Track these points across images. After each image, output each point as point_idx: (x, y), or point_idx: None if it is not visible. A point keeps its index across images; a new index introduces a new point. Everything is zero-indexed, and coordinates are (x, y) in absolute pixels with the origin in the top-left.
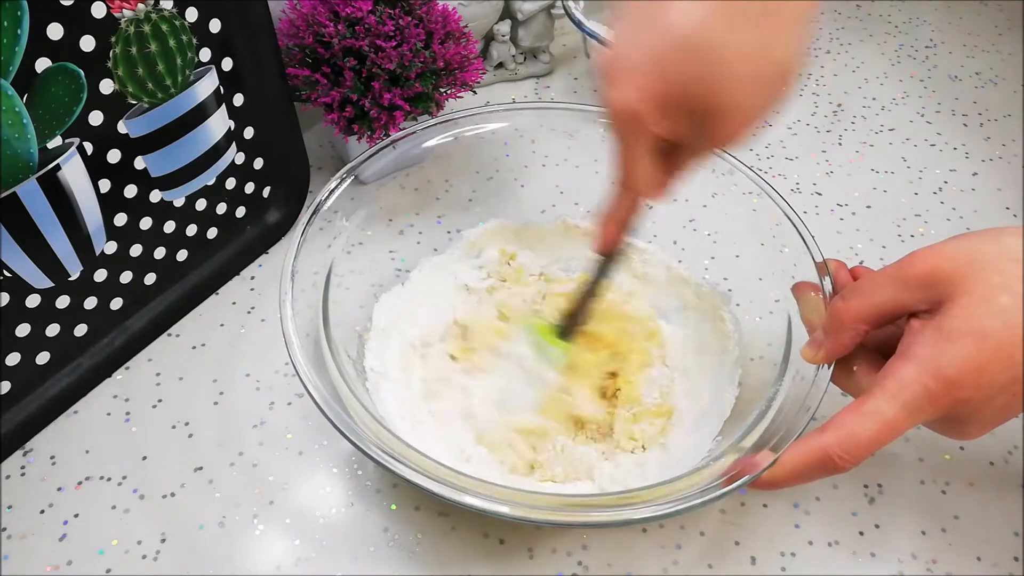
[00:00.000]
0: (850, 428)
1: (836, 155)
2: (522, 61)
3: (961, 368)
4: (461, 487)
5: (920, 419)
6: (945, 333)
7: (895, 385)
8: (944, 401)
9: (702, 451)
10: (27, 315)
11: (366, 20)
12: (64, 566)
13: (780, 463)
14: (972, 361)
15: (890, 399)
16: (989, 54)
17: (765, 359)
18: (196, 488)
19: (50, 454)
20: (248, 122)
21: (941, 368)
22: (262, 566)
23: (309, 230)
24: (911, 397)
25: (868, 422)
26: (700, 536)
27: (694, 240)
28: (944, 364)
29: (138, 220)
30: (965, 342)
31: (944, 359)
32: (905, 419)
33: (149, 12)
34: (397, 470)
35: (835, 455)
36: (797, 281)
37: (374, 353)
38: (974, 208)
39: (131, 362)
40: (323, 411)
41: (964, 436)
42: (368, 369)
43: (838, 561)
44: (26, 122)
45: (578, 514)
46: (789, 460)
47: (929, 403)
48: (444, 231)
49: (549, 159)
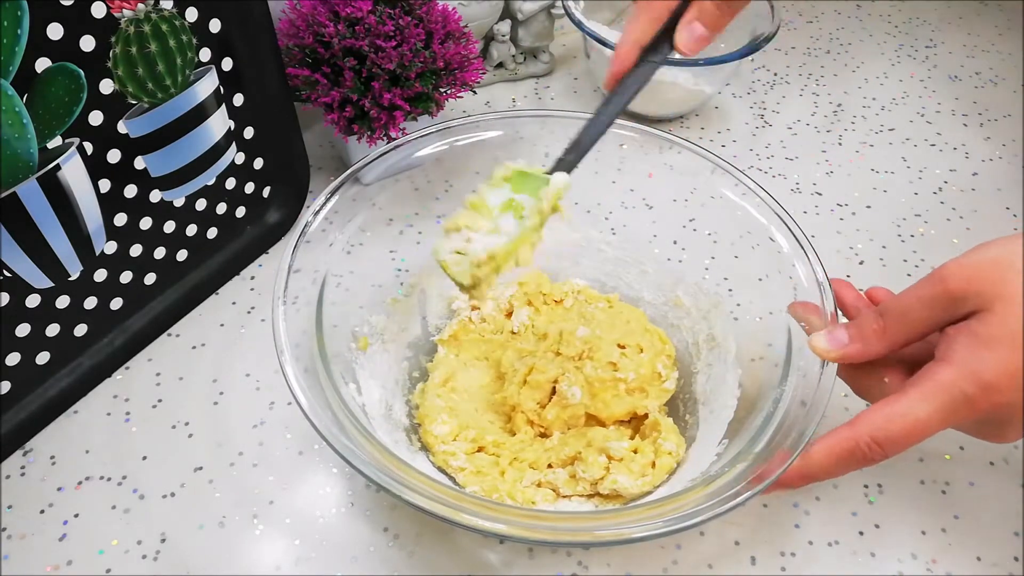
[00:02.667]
0: (882, 422)
1: (836, 155)
2: (522, 61)
3: (1000, 372)
4: (458, 506)
5: (954, 422)
6: (983, 339)
7: (932, 386)
8: (983, 405)
9: (709, 456)
10: (27, 315)
11: (366, 20)
12: (64, 566)
13: (809, 455)
14: (1010, 365)
15: (926, 399)
16: (989, 54)
17: (766, 360)
18: (196, 488)
19: (50, 454)
20: (248, 122)
21: (979, 373)
22: (262, 566)
23: (309, 230)
24: (948, 400)
25: (900, 419)
26: (700, 536)
27: (694, 240)
28: (983, 369)
29: (138, 220)
30: (1003, 347)
31: (982, 364)
32: (940, 420)
33: (149, 12)
34: (394, 489)
35: (866, 445)
36: (795, 302)
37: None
38: (974, 208)
39: (131, 362)
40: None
41: (1002, 439)
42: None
43: (838, 561)
44: (26, 122)
45: (602, 531)
46: (819, 452)
47: (966, 406)
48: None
49: (549, 159)
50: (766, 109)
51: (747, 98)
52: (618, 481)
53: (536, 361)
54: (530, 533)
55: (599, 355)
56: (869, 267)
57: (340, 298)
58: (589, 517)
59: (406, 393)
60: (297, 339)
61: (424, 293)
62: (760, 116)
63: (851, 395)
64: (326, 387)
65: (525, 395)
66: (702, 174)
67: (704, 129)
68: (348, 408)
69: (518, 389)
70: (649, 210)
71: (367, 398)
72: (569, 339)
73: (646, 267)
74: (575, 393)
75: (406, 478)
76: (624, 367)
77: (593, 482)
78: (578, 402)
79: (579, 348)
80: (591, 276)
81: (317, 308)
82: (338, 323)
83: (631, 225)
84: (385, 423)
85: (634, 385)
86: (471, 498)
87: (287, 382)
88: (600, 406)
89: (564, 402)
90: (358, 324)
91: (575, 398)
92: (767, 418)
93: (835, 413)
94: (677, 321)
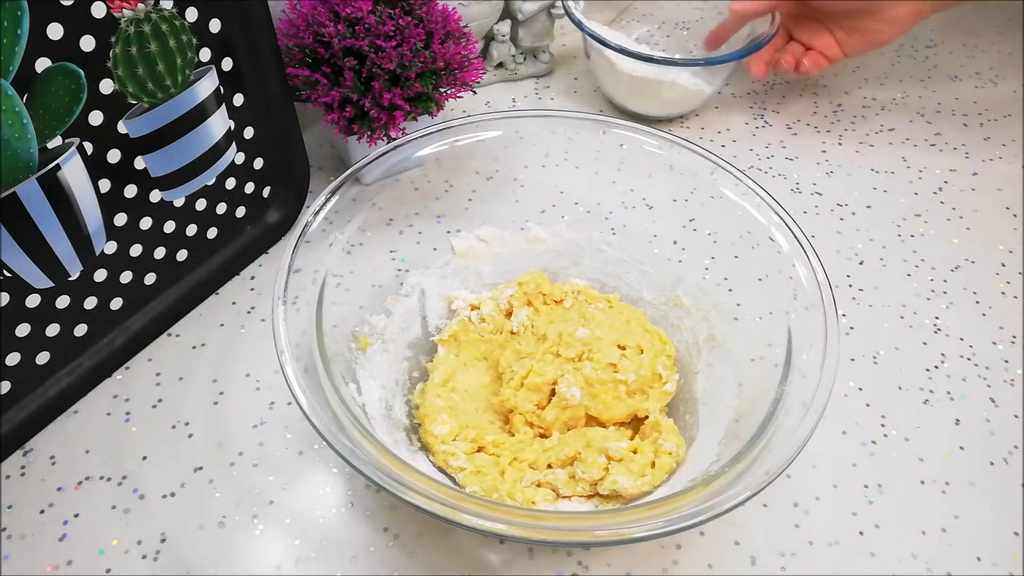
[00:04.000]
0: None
1: (836, 155)
2: (522, 61)
3: None
4: (458, 506)
5: None
6: None
7: None
8: None
9: (709, 456)
10: (27, 315)
11: (366, 20)
12: (64, 566)
13: None
14: None
15: None
16: (989, 54)
17: (766, 360)
18: (196, 488)
19: (50, 454)
20: (248, 122)
21: None
22: (262, 566)
23: (309, 230)
24: None
25: None
26: (700, 536)
27: (694, 240)
28: None
29: (138, 220)
30: None
31: None
32: None
33: (149, 12)
34: (394, 489)
35: None
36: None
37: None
38: (974, 208)
39: (131, 362)
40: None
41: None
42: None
43: (838, 561)
44: (26, 122)
45: (602, 531)
46: None
47: None
48: (444, 231)
49: (549, 159)
50: (766, 109)
51: (747, 98)
52: (618, 481)
53: (535, 363)
54: (530, 533)
55: (599, 356)
56: (869, 267)
57: (340, 298)
58: (589, 517)
59: (406, 393)
60: (297, 339)
61: (424, 293)
62: (760, 116)
63: (851, 395)
64: (326, 387)
65: (522, 397)
66: (702, 174)
67: (704, 129)
68: (348, 408)
69: (515, 392)
70: (649, 210)
71: (367, 398)
72: (569, 341)
73: (646, 267)
74: (575, 394)
75: (406, 478)
76: (624, 368)
77: (593, 482)
78: (578, 403)
79: (579, 350)
80: (591, 276)
81: (317, 308)
82: (338, 323)
83: (631, 225)
84: (385, 423)
85: (634, 387)
86: (471, 498)
87: (287, 382)
88: (600, 407)
89: (564, 403)
90: (358, 324)
91: (575, 399)
92: (767, 418)
93: (835, 413)
94: (677, 321)
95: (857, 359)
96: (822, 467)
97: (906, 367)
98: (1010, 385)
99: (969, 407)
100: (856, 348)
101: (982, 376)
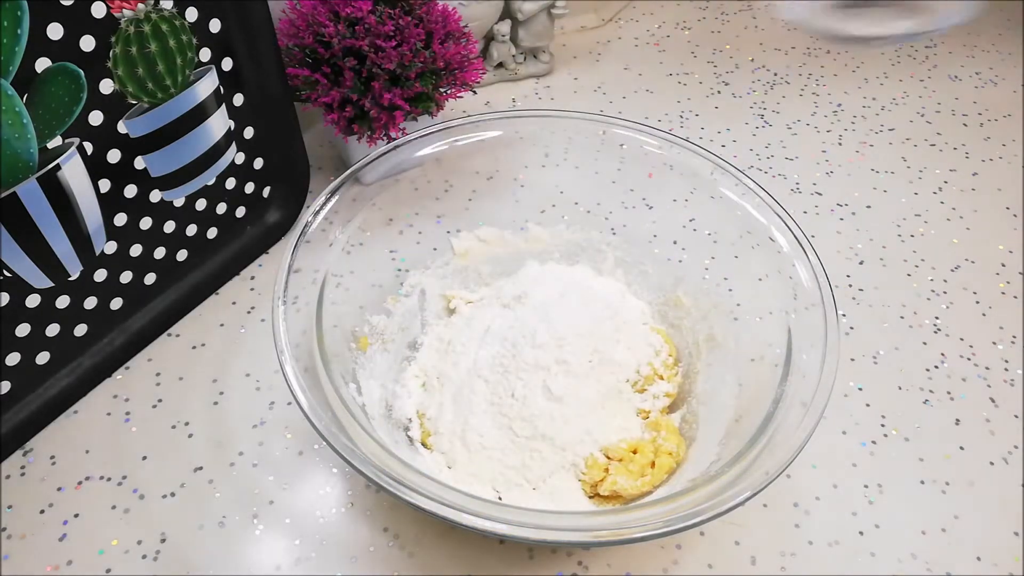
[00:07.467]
0: None
1: (836, 155)
2: (522, 61)
3: None
4: (459, 507)
5: None
6: None
7: None
8: None
9: (709, 456)
10: (27, 315)
11: (366, 20)
12: (64, 566)
13: None
14: None
15: None
16: (989, 54)
17: (766, 360)
18: (196, 488)
19: (50, 454)
20: (248, 122)
21: None
22: (262, 566)
23: (309, 230)
24: None
25: None
26: (700, 536)
27: (694, 240)
28: None
29: (138, 220)
30: None
31: None
32: None
33: (149, 12)
34: (394, 489)
35: None
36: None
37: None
38: (974, 208)
39: (131, 362)
40: (322, 434)
41: None
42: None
43: (838, 561)
44: (26, 122)
45: (602, 531)
46: None
47: None
48: (444, 231)
49: (549, 159)
50: (766, 109)
51: (747, 98)
52: (618, 481)
53: None
54: (530, 533)
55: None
56: (869, 267)
57: (340, 298)
58: (589, 517)
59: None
60: (297, 339)
61: (424, 293)
62: (760, 116)
63: (851, 395)
64: (326, 387)
65: None
66: (702, 174)
67: (704, 129)
68: (348, 408)
69: None
70: (649, 210)
71: (367, 398)
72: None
73: (646, 267)
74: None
75: (406, 478)
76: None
77: (593, 483)
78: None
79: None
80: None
81: (317, 308)
82: (338, 323)
83: (631, 225)
84: (385, 423)
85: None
86: (471, 498)
87: (287, 382)
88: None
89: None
90: (358, 324)
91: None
92: (767, 418)
93: (835, 413)
94: (677, 321)
95: (857, 359)
96: (822, 467)
97: (906, 367)
98: (1010, 385)
99: (969, 407)
100: (856, 348)
101: (982, 376)
